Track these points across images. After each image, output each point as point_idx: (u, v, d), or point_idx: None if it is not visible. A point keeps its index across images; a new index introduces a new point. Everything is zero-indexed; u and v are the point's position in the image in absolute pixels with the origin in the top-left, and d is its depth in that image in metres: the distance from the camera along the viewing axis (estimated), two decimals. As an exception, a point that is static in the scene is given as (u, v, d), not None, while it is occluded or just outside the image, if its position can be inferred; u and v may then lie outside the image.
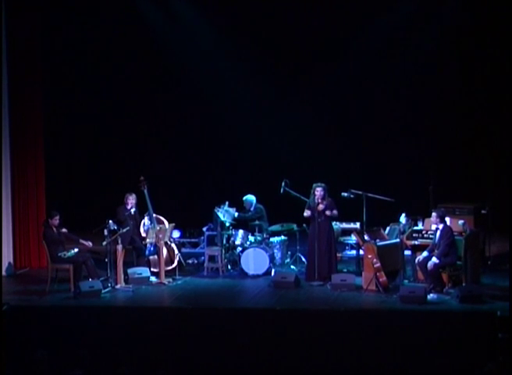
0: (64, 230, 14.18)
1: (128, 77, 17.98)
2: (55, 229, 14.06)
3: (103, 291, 13.40)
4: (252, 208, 15.60)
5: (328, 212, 13.99)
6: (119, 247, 13.94)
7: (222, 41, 17.75)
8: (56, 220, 14.07)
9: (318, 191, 14.08)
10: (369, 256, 13.47)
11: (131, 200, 14.53)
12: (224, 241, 15.05)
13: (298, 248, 15.08)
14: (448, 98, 17.54)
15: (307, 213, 14.14)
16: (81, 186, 18.26)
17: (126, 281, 14.01)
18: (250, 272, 14.67)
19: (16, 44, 15.18)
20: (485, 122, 17.36)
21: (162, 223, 14.81)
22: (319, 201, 14.03)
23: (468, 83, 17.23)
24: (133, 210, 14.56)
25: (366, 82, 17.61)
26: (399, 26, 17.15)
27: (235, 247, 15.12)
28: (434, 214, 13.34)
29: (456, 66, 17.28)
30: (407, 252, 14.13)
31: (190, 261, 15.78)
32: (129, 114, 18.35)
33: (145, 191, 14.77)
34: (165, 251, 14.64)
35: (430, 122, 17.66)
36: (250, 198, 15.63)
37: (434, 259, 13.06)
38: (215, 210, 15.37)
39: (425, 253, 13.32)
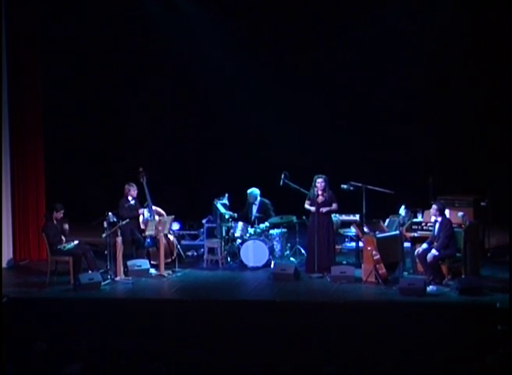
0: (66, 226, 14.20)
1: (127, 71, 17.97)
2: (55, 222, 14.06)
3: (103, 283, 13.41)
4: (257, 202, 15.52)
5: (323, 210, 13.97)
6: (119, 239, 13.94)
7: (221, 35, 17.71)
8: (61, 214, 14.08)
9: (319, 183, 14.06)
10: (369, 248, 13.47)
11: (132, 191, 14.52)
12: (223, 233, 15.05)
13: (298, 240, 15.04)
14: (448, 90, 17.50)
15: (308, 205, 14.15)
16: (80, 178, 18.23)
17: (126, 273, 14.01)
18: (250, 264, 14.68)
19: (16, 43, 15.15)
20: (485, 114, 17.31)
21: (161, 215, 14.80)
22: (319, 192, 14.02)
23: (469, 75, 17.18)
24: (133, 201, 14.56)
25: (366, 74, 17.57)
26: (400, 20, 17.12)
27: (234, 239, 15.11)
28: (434, 206, 13.33)
29: (458, 58, 17.22)
30: (407, 244, 14.12)
31: (189, 253, 15.81)
32: (128, 106, 18.31)
33: (144, 183, 14.75)
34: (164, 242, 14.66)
35: (430, 114, 17.63)
36: (255, 191, 15.52)
37: (433, 251, 13.05)
38: (215, 202, 15.35)
39: (425, 245, 13.32)
